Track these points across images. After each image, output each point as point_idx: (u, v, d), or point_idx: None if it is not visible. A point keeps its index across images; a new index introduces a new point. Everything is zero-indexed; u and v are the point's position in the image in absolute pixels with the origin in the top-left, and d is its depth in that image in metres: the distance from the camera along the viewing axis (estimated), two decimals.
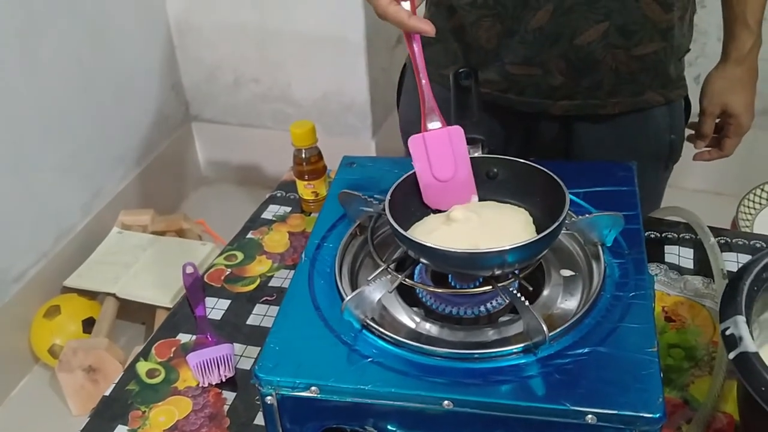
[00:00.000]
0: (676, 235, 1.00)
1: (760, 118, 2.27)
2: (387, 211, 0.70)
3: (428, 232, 0.72)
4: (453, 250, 0.66)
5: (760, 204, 1.66)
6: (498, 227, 0.71)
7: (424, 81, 0.76)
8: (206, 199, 2.60)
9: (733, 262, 0.95)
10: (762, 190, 1.69)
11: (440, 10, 1.03)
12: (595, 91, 0.99)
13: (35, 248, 1.96)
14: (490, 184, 0.77)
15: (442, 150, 0.76)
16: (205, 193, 2.64)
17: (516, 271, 0.70)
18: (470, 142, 0.77)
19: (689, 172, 2.44)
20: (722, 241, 0.97)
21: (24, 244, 1.92)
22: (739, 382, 0.72)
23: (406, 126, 1.17)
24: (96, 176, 2.17)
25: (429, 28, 0.74)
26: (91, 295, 1.95)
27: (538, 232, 0.67)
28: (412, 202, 0.75)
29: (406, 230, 0.68)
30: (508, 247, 0.65)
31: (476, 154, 0.78)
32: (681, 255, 0.97)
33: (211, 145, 2.65)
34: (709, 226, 0.97)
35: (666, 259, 0.96)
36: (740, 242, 0.98)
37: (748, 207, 1.66)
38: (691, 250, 0.97)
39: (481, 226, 0.72)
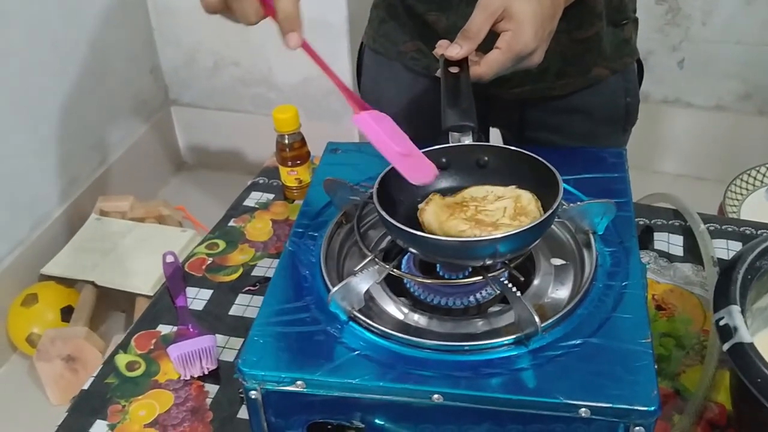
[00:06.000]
0: (665, 222, 0.98)
1: (744, 103, 2.30)
2: (375, 200, 0.68)
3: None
4: (443, 239, 0.64)
5: (747, 189, 1.66)
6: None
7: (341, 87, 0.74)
8: (186, 184, 2.57)
9: (722, 248, 0.94)
10: (749, 175, 1.68)
11: None
12: (543, 74, 0.99)
13: (11, 236, 1.92)
14: (482, 173, 0.75)
15: (387, 125, 0.73)
16: (185, 179, 2.60)
17: (506, 261, 0.68)
18: (460, 129, 0.74)
19: (671, 157, 2.45)
20: (712, 228, 0.96)
21: None
22: (732, 372, 0.71)
23: (367, 103, 1.17)
24: (73, 162, 2.12)
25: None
26: (69, 282, 1.91)
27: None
28: (400, 190, 0.73)
29: (394, 218, 0.66)
30: (500, 236, 0.63)
31: (467, 142, 0.75)
32: (670, 242, 0.95)
33: (191, 129, 2.61)
34: (698, 213, 0.96)
35: (655, 247, 0.95)
36: (729, 229, 0.97)
37: (735, 192, 1.65)
38: (681, 237, 0.96)
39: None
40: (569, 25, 0.95)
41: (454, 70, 0.77)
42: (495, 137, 1.19)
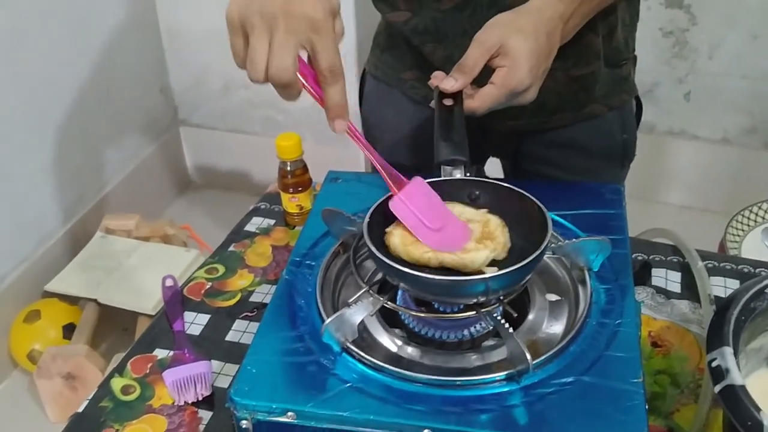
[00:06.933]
0: (663, 258, 0.98)
1: (749, 137, 2.30)
2: (366, 234, 0.68)
3: None
4: (432, 277, 0.64)
5: (749, 226, 1.65)
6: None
7: (377, 164, 0.73)
8: (193, 204, 2.58)
9: (720, 286, 0.94)
10: (750, 211, 1.68)
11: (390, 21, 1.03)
12: (539, 110, 0.99)
13: (16, 252, 1.93)
14: (472, 207, 0.75)
15: (419, 197, 0.71)
16: (191, 199, 2.61)
17: (500, 297, 0.69)
18: (452, 163, 0.75)
19: (676, 188, 2.45)
20: (710, 265, 0.96)
21: (4, 247, 1.89)
22: (725, 413, 0.70)
23: (368, 129, 1.18)
24: (80, 180, 2.14)
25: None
26: (72, 300, 1.92)
27: (520, 258, 0.66)
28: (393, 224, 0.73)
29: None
30: (489, 276, 0.63)
31: (458, 176, 0.76)
32: (668, 278, 0.95)
33: (199, 150, 2.63)
34: (696, 250, 0.96)
35: (653, 283, 0.95)
36: (728, 266, 0.97)
37: (737, 228, 1.65)
38: (679, 274, 0.96)
39: None
40: (566, 63, 0.95)
41: (448, 102, 0.78)
42: (495, 168, 1.20)
